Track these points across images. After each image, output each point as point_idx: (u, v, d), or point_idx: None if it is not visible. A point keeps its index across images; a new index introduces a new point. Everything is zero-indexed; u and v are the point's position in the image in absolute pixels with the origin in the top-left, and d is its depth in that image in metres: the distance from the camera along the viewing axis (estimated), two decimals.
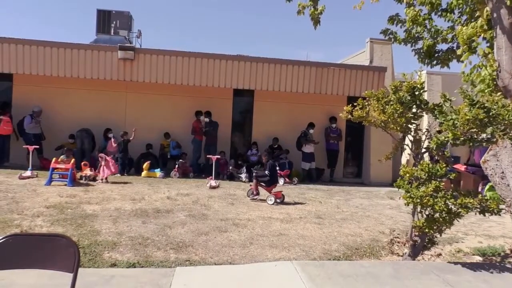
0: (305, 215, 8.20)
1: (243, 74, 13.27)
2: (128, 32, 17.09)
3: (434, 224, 5.18)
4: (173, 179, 12.22)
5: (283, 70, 13.43)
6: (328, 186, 12.76)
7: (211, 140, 13.46)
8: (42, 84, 13.32)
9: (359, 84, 13.71)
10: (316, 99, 14.39)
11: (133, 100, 13.94)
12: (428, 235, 5.48)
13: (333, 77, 13.65)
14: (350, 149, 15.39)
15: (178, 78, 13.02)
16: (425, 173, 5.14)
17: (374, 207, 9.75)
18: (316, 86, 13.62)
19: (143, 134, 13.46)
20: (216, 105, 13.91)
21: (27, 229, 6.13)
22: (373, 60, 14.72)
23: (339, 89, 13.73)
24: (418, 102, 5.50)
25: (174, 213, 7.70)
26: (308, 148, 13.87)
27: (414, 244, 5.60)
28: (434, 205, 4.99)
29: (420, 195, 5.01)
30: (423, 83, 5.62)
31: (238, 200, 9.33)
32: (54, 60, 12.59)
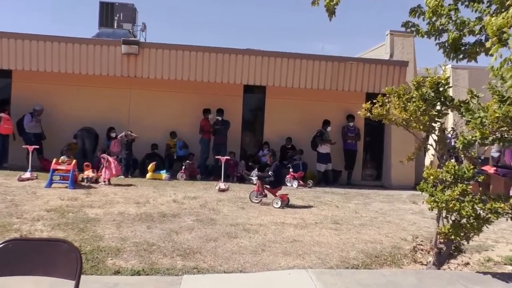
0: (320, 220, 8.17)
1: (254, 69, 13.28)
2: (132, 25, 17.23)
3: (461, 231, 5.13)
4: (180, 181, 12.26)
5: (296, 64, 13.40)
6: (345, 189, 12.70)
7: (221, 140, 13.49)
8: (42, 80, 13.47)
9: (378, 80, 13.63)
10: (332, 96, 14.34)
11: (137, 97, 14.03)
12: (454, 243, 5.42)
13: (351, 72, 13.59)
14: (369, 149, 15.30)
15: (185, 73, 13.08)
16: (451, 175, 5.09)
17: (395, 212, 9.67)
18: (333, 82, 13.57)
19: (148, 133, 13.54)
20: (225, 102, 13.94)
21: (26, 234, 6.20)
22: (394, 54, 14.62)
23: (357, 85, 13.67)
24: (443, 99, 5.45)
25: (181, 217, 7.72)
26: (324, 148, 13.83)
27: (439, 252, 5.55)
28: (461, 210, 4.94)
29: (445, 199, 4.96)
30: (448, 78, 5.57)
31: (248, 204, 9.33)
32: (54, 56, 12.72)
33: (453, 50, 6.95)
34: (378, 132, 14.88)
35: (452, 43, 6.82)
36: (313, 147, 13.97)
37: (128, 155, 12.63)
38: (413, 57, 14.68)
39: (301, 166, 13.56)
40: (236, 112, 14.28)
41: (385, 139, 14.89)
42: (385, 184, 14.59)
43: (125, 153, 12.56)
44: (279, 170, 9.82)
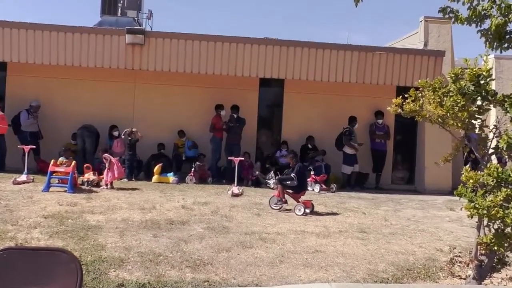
0: (345, 229, 8.13)
1: (271, 60, 13.26)
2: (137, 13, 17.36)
3: (504, 241, 5.07)
4: (189, 184, 12.31)
5: (318, 55, 13.35)
6: (373, 194, 12.62)
7: (234, 139, 13.49)
8: (39, 74, 13.65)
9: (411, 72, 13.50)
10: (358, 90, 14.26)
11: (142, 92, 14.13)
12: (497, 254, 5.35)
13: (379, 63, 13.49)
14: (400, 149, 15.18)
15: (195, 66, 13.12)
16: (493, 179, 5.02)
17: (429, 219, 9.58)
18: (359, 74, 13.49)
19: (154, 132, 13.63)
20: (239, 97, 13.95)
21: (22, 242, 6.27)
22: (428, 42, 14.48)
23: (387, 77, 13.57)
24: (484, 93, 5.38)
25: (190, 225, 7.75)
26: (351, 148, 13.75)
27: (480, 264, 5.48)
28: (505, 218, 4.87)
29: (487, 205, 4.90)
30: (490, 70, 5.50)
31: (265, 211, 9.33)
32: (53, 46, 12.87)
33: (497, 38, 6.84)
34: (410, 130, 14.74)
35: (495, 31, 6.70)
36: (338, 147, 13.91)
37: (132, 156, 12.72)
38: (450, 46, 14.52)
39: (323, 168, 13.51)
40: (251, 108, 14.29)
41: (418, 138, 14.75)
42: (418, 188, 14.46)
43: (129, 153, 12.65)
44: (303, 173, 9.79)
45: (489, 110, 5.69)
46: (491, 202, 4.91)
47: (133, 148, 12.73)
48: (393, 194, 12.83)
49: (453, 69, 5.67)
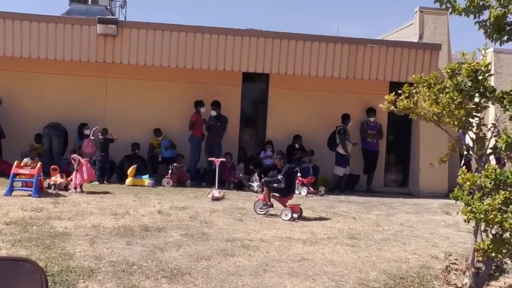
0: (334, 235, 8.17)
1: (255, 53, 13.29)
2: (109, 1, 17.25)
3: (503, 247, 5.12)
4: (166, 188, 12.28)
5: (306, 48, 13.40)
6: (364, 198, 12.70)
7: (215, 139, 13.47)
8: (1, 67, 13.47)
9: (405, 66, 13.62)
10: (349, 86, 14.34)
11: (115, 88, 14.05)
12: (495, 261, 5.41)
13: (371, 57, 13.59)
14: (393, 149, 15.30)
15: (173, 59, 13.08)
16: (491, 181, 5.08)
17: (424, 224, 9.67)
18: (350, 68, 13.57)
19: (128, 130, 13.56)
20: (221, 93, 13.95)
21: None
22: (424, 35, 14.62)
23: (379, 72, 13.67)
24: (482, 89, 5.44)
25: (167, 231, 7.72)
26: (345, 148, 13.81)
27: (477, 272, 5.54)
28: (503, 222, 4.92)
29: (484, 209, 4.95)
30: (489, 65, 5.56)
31: (248, 216, 9.33)
32: (16, 37, 12.73)
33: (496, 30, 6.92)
34: (404, 129, 14.87)
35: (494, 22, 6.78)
36: (331, 147, 13.96)
37: (104, 157, 12.65)
38: (447, 39, 14.67)
39: (311, 169, 13.57)
40: (234, 105, 14.30)
41: (412, 138, 14.89)
42: (412, 191, 14.60)
43: (101, 154, 12.57)
44: (291, 175, 9.81)
45: (487, 107, 5.75)
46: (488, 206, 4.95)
47: (105, 149, 12.67)
48: (385, 198, 12.93)
49: (449, 63, 5.72)
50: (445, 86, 5.57)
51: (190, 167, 13.45)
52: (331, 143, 13.99)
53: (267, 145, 14.06)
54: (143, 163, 13.32)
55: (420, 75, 5.87)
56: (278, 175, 9.64)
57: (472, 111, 5.54)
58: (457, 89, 5.43)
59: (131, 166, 12.56)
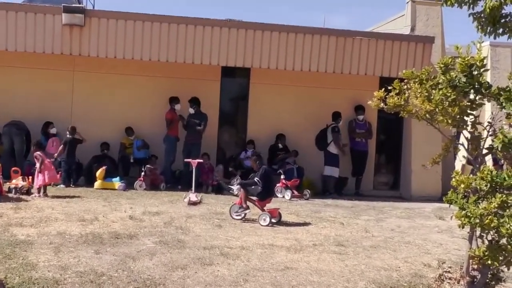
0: (320, 242, 8.19)
1: (235, 46, 13.26)
2: None
3: (499, 254, 5.18)
4: (138, 191, 12.22)
5: (290, 40, 13.41)
6: (352, 202, 12.76)
7: (194, 138, 13.39)
8: None
9: (395, 61, 13.71)
10: (336, 81, 14.39)
11: (82, 83, 13.92)
12: (491, 269, 5.47)
13: (360, 50, 13.64)
14: (384, 150, 15.39)
15: (146, 52, 12.99)
16: (487, 183, 5.13)
17: (416, 230, 9.75)
18: (337, 63, 13.61)
19: (97, 129, 13.46)
20: (198, 89, 13.91)
21: None
22: (416, 27, 14.73)
23: (368, 67, 13.73)
24: (477, 86, 5.49)
25: (139, 239, 7.68)
26: (335, 147, 13.85)
27: (472, 281, 5.60)
28: (500, 227, 4.98)
29: (480, 213, 5.00)
30: (484, 59, 5.62)
31: (227, 221, 9.33)
32: None
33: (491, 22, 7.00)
34: (394, 128, 14.97)
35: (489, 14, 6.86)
36: (320, 146, 13.97)
37: (70, 158, 12.51)
38: (440, 31, 14.80)
39: (295, 171, 13.59)
40: (212, 102, 14.26)
41: (403, 137, 15.00)
42: (403, 194, 14.70)
43: (67, 155, 12.42)
44: (268, 177, 9.82)
45: (482, 105, 5.81)
46: (484, 210, 5.01)
47: (72, 149, 12.52)
48: (375, 202, 13.00)
49: (443, 58, 5.77)
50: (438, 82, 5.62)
51: (164, 169, 13.39)
52: (321, 141, 14.03)
53: (248, 145, 14.06)
54: (113, 165, 13.22)
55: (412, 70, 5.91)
56: (255, 177, 9.67)
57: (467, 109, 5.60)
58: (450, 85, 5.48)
59: (100, 167, 12.45)
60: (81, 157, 13.03)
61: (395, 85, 5.99)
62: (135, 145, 13.60)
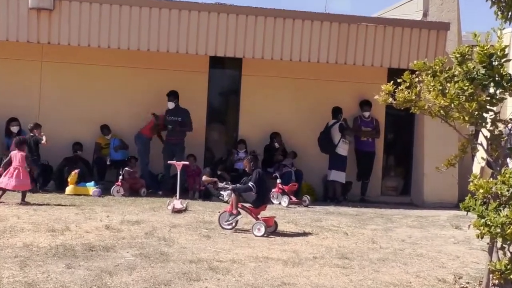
0: (321, 254, 8.19)
1: (225, 33, 13.23)
2: None
3: None
4: (116, 197, 12.20)
5: (287, 27, 13.40)
6: (357, 209, 12.77)
7: (175, 138, 13.37)
8: None
9: (406, 50, 13.72)
10: (339, 74, 14.42)
11: (52, 75, 13.89)
12: None
13: (366, 38, 13.65)
14: (393, 150, 15.44)
15: (123, 40, 12.94)
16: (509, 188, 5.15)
17: (430, 240, 9.76)
18: (340, 52, 13.61)
19: (68, 127, 13.46)
20: (183, 82, 13.91)
21: None
22: (429, 12, 14.74)
23: (375, 57, 13.74)
24: (498, 78, 5.51)
25: (117, 251, 7.66)
26: (345, 148, 13.83)
27: None
28: None
29: (501, 221, 5.02)
30: (506, 48, 5.63)
31: (216, 231, 9.31)
32: None
33: None
34: (405, 125, 15.01)
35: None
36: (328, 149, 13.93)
37: (36, 159, 12.42)
38: (456, 17, 14.82)
39: (293, 175, 13.59)
40: (199, 96, 14.27)
41: (415, 136, 15.03)
42: (415, 200, 14.75)
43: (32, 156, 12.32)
44: (262, 181, 9.80)
45: (504, 99, 5.82)
46: (506, 218, 5.02)
47: (35, 150, 12.42)
48: (383, 209, 13.04)
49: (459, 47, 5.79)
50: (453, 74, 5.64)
51: (144, 172, 13.38)
52: (327, 144, 13.95)
53: (240, 145, 14.06)
54: (87, 167, 13.21)
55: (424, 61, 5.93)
56: (250, 182, 9.63)
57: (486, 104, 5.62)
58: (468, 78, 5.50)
59: (72, 171, 12.43)
60: (51, 159, 13.01)
61: (405, 78, 6.00)
62: (112, 145, 13.58)
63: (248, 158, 10.25)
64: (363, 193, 14.60)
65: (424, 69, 5.83)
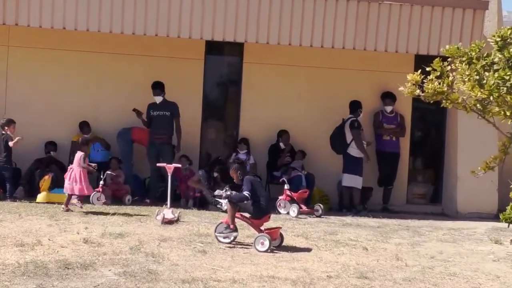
0: (337, 273, 8.18)
1: (224, 14, 13.21)
2: None
3: None
4: (96, 206, 12.21)
5: (296, 7, 13.38)
6: (379, 220, 12.76)
7: (162, 137, 13.30)
8: None
9: (436, 34, 13.69)
10: (357, 61, 14.43)
11: (20, 62, 13.93)
12: None
13: (389, 20, 13.63)
14: (420, 151, 15.42)
15: (105, 22, 12.90)
16: None
17: (464, 257, 9.72)
18: (358, 36, 13.57)
19: (40, 123, 13.51)
20: (175, 70, 13.96)
21: None
22: None
23: (400, 42, 13.72)
24: None
25: (97, 269, 7.65)
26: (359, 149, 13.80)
27: None
28: None
29: None
30: None
31: (214, 246, 9.30)
32: None
33: None
34: (435, 122, 15.03)
35: None
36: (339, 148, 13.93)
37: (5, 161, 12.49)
38: None
39: (303, 179, 13.57)
40: (193, 87, 14.30)
41: (446, 135, 15.03)
42: (447, 210, 14.76)
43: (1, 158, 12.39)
44: (257, 188, 9.73)
45: None
46: None
47: (6, 150, 12.44)
48: (409, 220, 13.02)
49: (499, 29, 5.78)
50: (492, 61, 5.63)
51: (128, 176, 13.38)
52: (338, 143, 13.97)
53: (241, 144, 14.07)
54: (62, 171, 13.15)
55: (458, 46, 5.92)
56: (245, 191, 9.55)
57: None
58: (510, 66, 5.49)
59: (45, 175, 12.46)
60: (19, 161, 13.04)
61: (436, 66, 6.00)
62: (92, 146, 13.60)
63: (234, 167, 10.04)
64: (386, 201, 14.61)
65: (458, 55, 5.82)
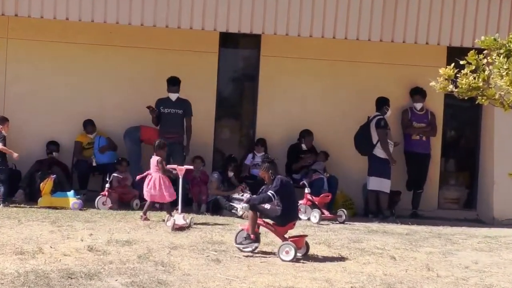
0: (362, 284, 8.17)
1: (239, 5, 13.22)
2: None
3: None
4: (101, 211, 12.24)
5: None
6: (408, 227, 12.72)
7: (173, 136, 13.30)
8: None
9: (471, 23, 13.63)
10: (384, 54, 14.40)
11: (19, 55, 13.98)
12: None
13: (419, 9, 13.58)
14: (453, 152, 15.37)
15: (111, 13, 12.94)
16: None
17: (501, 268, 9.67)
18: (385, 27, 13.55)
19: (41, 121, 13.58)
20: (186, 65, 13.96)
21: None
22: None
23: (431, 33, 13.67)
24: None
25: (103, 279, 7.67)
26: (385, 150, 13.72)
27: None
28: None
29: None
30: None
31: (229, 254, 9.31)
32: None
33: None
34: (469, 120, 14.97)
35: None
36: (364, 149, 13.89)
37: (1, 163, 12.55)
38: None
39: (325, 183, 13.56)
40: (207, 83, 14.31)
41: (482, 134, 14.97)
42: (482, 216, 14.69)
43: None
44: (288, 191, 9.70)
45: None
46: None
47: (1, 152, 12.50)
48: (440, 226, 13.00)
49: None
50: None
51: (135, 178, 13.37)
52: (363, 142, 13.91)
53: (257, 145, 14.07)
54: (65, 173, 13.27)
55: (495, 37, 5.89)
56: (270, 191, 9.46)
57: None
58: None
59: (47, 177, 12.49)
60: (19, 162, 13.08)
61: (470, 59, 5.97)
62: (97, 146, 13.65)
63: (265, 166, 9.85)
64: (415, 206, 14.58)
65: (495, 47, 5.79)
